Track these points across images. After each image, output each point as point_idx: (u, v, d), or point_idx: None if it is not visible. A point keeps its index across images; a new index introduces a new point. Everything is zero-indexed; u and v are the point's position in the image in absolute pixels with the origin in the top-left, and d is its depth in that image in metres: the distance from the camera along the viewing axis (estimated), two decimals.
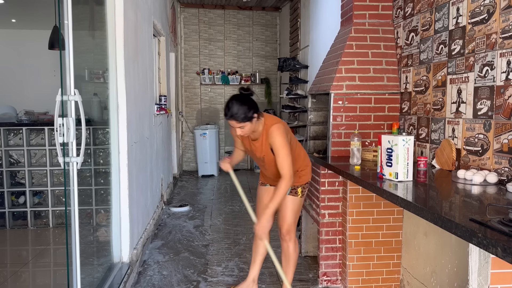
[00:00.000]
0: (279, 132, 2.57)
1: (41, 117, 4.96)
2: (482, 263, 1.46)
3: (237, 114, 2.48)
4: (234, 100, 2.52)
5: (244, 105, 2.50)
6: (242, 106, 2.49)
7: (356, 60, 3.27)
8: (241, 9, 8.62)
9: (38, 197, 4.75)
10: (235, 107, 2.48)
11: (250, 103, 2.55)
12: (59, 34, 2.37)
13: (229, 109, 2.49)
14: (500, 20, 2.18)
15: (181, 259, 3.78)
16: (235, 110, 2.48)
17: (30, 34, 8.13)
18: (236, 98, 2.54)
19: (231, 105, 2.50)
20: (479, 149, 2.34)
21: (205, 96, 8.63)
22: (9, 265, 3.73)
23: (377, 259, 3.07)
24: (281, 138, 2.56)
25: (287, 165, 2.55)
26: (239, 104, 2.49)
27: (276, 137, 2.56)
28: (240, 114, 2.48)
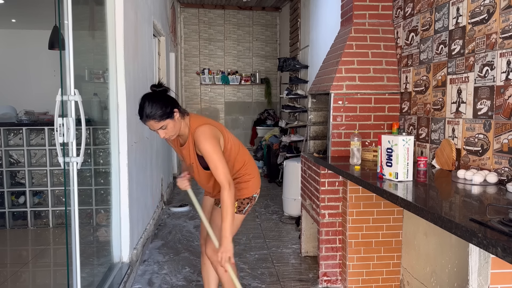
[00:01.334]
0: (205, 136, 2.22)
1: (41, 117, 4.96)
2: (482, 263, 1.46)
3: (152, 113, 2.14)
4: (146, 99, 2.18)
5: (158, 102, 2.17)
6: (156, 103, 2.16)
7: (356, 60, 3.27)
8: (241, 9, 8.62)
9: (38, 197, 4.75)
10: (149, 106, 2.15)
11: (166, 99, 2.22)
12: (59, 34, 2.37)
13: (142, 109, 2.16)
14: (500, 20, 2.18)
15: (181, 259, 3.78)
16: (149, 109, 2.14)
17: (30, 34, 8.13)
18: (148, 96, 2.20)
19: (144, 104, 2.16)
20: (479, 148, 2.34)
21: (205, 96, 8.63)
22: (9, 265, 3.73)
23: (377, 259, 3.07)
24: (207, 142, 2.21)
25: (221, 170, 2.20)
26: (152, 101, 2.16)
27: (201, 142, 2.21)
28: (156, 112, 2.14)
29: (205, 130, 2.24)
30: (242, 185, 2.45)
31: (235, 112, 8.73)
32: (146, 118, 2.16)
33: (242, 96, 8.74)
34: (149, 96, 2.20)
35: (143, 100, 2.18)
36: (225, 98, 8.69)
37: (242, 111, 8.74)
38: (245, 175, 2.47)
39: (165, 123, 2.17)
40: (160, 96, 2.20)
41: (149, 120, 2.16)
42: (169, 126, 2.19)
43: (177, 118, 2.22)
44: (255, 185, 2.51)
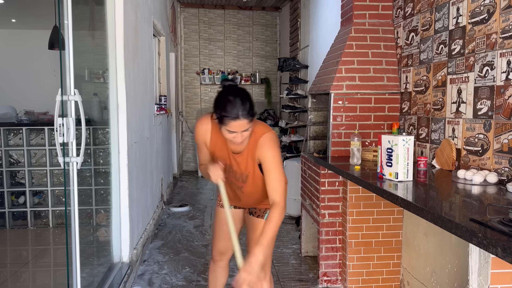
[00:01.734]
0: (273, 144, 1.97)
1: (41, 117, 4.96)
2: (482, 263, 1.46)
3: (250, 111, 1.84)
4: (240, 94, 1.86)
5: (250, 99, 1.88)
6: (250, 101, 1.87)
7: (356, 60, 3.27)
8: (241, 9, 8.62)
9: (38, 197, 4.75)
10: (246, 102, 1.84)
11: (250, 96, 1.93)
12: (59, 34, 2.37)
13: (243, 105, 1.82)
14: (500, 20, 2.18)
15: (181, 259, 3.78)
16: (247, 106, 1.83)
17: (30, 34, 8.13)
18: (240, 91, 1.88)
19: (242, 100, 1.83)
20: (479, 148, 2.34)
21: (205, 96, 8.63)
22: (9, 265, 3.73)
23: (377, 259, 3.07)
24: (276, 152, 1.96)
25: (281, 187, 1.95)
26: (246, 98, 1.86)
27: (270, 150, 1.95)
28: (252, 110, 1.86)
29: (274, 138, 2.00)
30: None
31: None
32: (242, 116, 1.81)
33: None
34: (241, 92, 1.89)
35: (238, 94, 1.85)
36: None
37: None
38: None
39: (251, 124, 1.89)
40: (246, 93, 1.91)
41: (243, 120, 1.82)
42: (250, 129, 1.90)
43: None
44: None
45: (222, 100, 1.85)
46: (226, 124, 1.84)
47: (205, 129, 2.07)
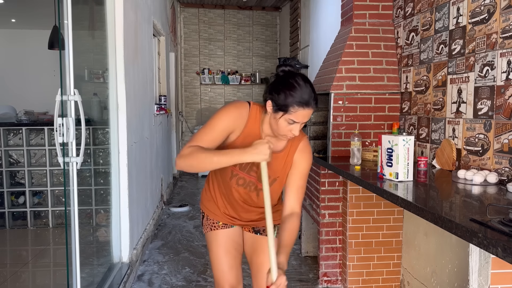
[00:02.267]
0: (310, 150, 1.84)
1: (41, 117, 4.96)
2: (483, 263, 1.46)
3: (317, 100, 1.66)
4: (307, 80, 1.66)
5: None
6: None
7: (356, 60, 3.27)
8: (241, 9, 8.62)
9: (37, 197, 4.74)
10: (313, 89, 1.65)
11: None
12: (59, 34, 2.37)
13: (313, 91, 1.63)
14: (501, 20, 2.17)
15: (181, 259, 3.77)
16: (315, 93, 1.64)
17: (30, 34, 8.13)
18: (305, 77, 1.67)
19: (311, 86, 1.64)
20: (480, 148, 2.33)
21: (205, 96, 8.63)
22: (9, 265, 3.73)
23: (377, 259, 3.06)
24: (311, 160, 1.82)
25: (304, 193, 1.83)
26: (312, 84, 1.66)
27: (309, 156, 1.80)
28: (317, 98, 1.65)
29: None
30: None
31: None
32: (313, 104, 1.61)
33: (242, 96, 8.73)
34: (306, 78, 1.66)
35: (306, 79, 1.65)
36: (225, 98, 8.68)
37: None
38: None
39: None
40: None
41: (312, 108, 1.62)
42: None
43: None
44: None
45: (289, 84, 1.60)
46: (290, 112, 1.59)
47: (241, 117, 1.73)
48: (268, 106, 1.66)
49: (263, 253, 1.89)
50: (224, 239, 1.91)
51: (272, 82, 1.70)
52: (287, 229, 1.69)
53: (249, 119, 1.74)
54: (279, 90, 1.62)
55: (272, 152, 1.69)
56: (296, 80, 1.61)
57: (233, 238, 1.93)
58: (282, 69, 1.68)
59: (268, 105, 1.66)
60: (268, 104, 1.66)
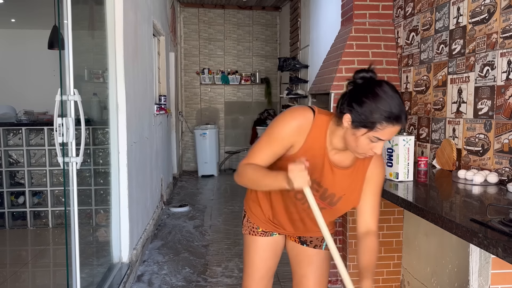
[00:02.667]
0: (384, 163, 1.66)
1: (41, 117, 4.95)
2: (483, 263, 1.46)
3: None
4: (395, 88, 1.43)
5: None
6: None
7: (356, 60, 3.26)
8: (241, 9, 8.61)
9: (37, 197, 4.74)
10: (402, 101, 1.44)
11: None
12: (59, 34, 2.37)
13: (403, 107, 1.41)
14: (501, 20, 2.17)
15: (181, 260, 3.77)
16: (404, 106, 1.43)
17: (30, 34, 8.13)
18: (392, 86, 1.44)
19: (401, 98, 1.44)
20: (480, 149, 2.33)
21: (205, 96, 8.62)
22: (9, 265, 3.73)
23: (377, 259, 3.06)
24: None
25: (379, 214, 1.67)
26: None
27: (384, 170, 1.62)
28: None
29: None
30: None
31: (235, 112, 8.72)
32: (404, 120, 1.40)
33: (242, 96, 8.73)
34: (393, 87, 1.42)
35: (395, 91, 1.41)
36: (225, 98, 8.68)
37: (242, 111, 8.73)
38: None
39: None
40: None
41: (402, 125, 1.42)
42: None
43: None
44: None
45: (375, 95, 1.36)
46: (377, 129, 1.36)
47: (304, 128, 1.50)
48: (345, 120, 1.41)
49: (307, 265, 1.80)
50: (263, 248, 1.80)
51: (350, 91, 1.45)
52: (366, 249, 1.60)
53: (312, 130, 1.51)
54: (362, 103, 1.37)
55: (338, 167, 1.55)
56: (384, 90, 1.37)
57: (271, 248, 1.81)
58: (362, 75, 1.44)
59: (346, 119, 1.41)
60: (346, 119, 1.41)
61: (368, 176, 1.58)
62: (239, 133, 8.67)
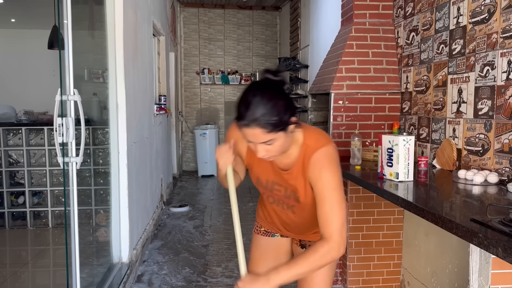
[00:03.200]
0: (330, 163, 1.46)
1: (41, 117, 4.95)
2: (483, 263, 1.46)
3: (265, 118, 1.32)
4: (259, 92, 1.35)
5: (277, 101, 1.35)
6: (274, 103, 1.34)
7: (356, 60, 3.26)
8: (241, 9, 8.61)
9: (37, 197, 4.74)
10: (262, 104, 1.32)
11: (286, 98, 1.39)
12: (59, 33, 2.37)
13: (248, 108, 1.34)
14: (501, 20, 2.17)
15: (181, 260, 3.77)
16: (262, 110, 1.32)
17: (30, 34, 8.13)
18: (262, 89, 1.37)
19: (254, 100, 1.33)
20: (480, 148, 2.33)
21: (205, 96, 8.62)
22: (9, 265, 3.73)
23: (377, 260, 3.06)
24: (333, 173, 1.45)
25: (338, 220, 1.42)
26: (268, 99, 1.34)
27: (324, 172, 1.45)
28: (270, 117, 1.33)
29: (332, 154, 1.47)
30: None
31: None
32: (252, 123, 1.33)
33: None
34: (264, 89, 1.36)
35: (253, 93, 1.35)
36: (225, 98, 8.68)
37: None
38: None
39: (276, 136, 1.37)
40: (279, 93, 1.38)
41: (255, 128, 1.34)
42: (277, 142, 1.39)
43: (290, 131, 1.42)
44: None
45: (240, 98, 1.40)
46: (241, 130, 1.39)
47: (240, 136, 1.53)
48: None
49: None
50: (264, 246, 1.82)
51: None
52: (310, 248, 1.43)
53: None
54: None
55: (280, 169, 1.56)
56: (246, 94, 1.38)
57: (272, 248, 1.81)
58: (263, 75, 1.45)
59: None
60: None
61: (311, 181, 1.49)
62: None
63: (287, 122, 1.38)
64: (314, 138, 1.51)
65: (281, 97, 1.37)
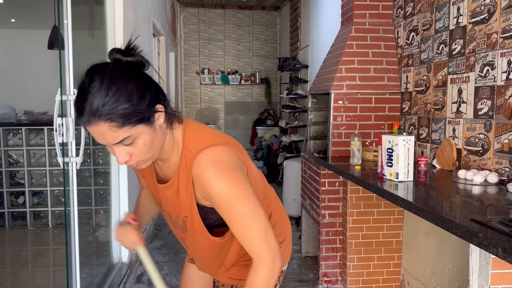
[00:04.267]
0: (223, 170, 1.10)
1: (41, 117, 4.95)
2: (483, 263, 1.46)
3: (106, 107, 0.98)
4: (97, 75, 1.00)
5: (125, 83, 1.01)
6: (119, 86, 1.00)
7: (356, 60, 3.26)
8: (241, 9, 8.61)
9: (37, 197, 4.74)
10: (102, 91, 0.99)
11: (143, 79, 1.07)
12: (59, 34, 2.37)
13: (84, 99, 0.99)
14: (501, 20, 2.17)
15: (181, 260, 3.77)
16: (100, 98, 0.98)
17: (30, 34, 8.12)
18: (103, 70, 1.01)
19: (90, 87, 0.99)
20: (480, 149, 2.33)
21: (205, 96, 8.63)
22: (9, 265, 3.73)
23: (377, 260, 3.06)
24: (231, 182, 1.09)
25: (258, 230, 1.12)
26: (109, 81, 0.99)
27: (218, 186, 1.09)
28: (114, 104, 0.99)
29: (222, 157, 1.11)
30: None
31: (235, 112, 8.72)
32: (93, 117, 0.99)
33: (242, 96, 8.73)
34: (104, 71, 1.01)
35: (90, 78, 1.00)
36: (225, 98, 8.68)
37: (242, 111, 8.74)
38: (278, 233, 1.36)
39: (134, 132, 1.02)
40: (129, 74, 1.03)
41: (100, 123, 0.99)
42: (140, 140, 1.05)
43: (158, 125, 1.08)
44: (288, 248, 1.46)
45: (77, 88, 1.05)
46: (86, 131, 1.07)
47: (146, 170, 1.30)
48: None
49: None
50: (188, 273, 1.59)
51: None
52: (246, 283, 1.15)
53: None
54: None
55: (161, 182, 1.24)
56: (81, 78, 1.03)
57: (197, 276, 1.57)
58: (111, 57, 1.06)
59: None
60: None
61: (204, 196, 1.15)
62: (239, 133, 8.67)
63: (146, 111, 1.03)
64: (194, 139, 1.15)
65: (132, 79, 1.02)
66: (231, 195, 1.09)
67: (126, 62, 1.05)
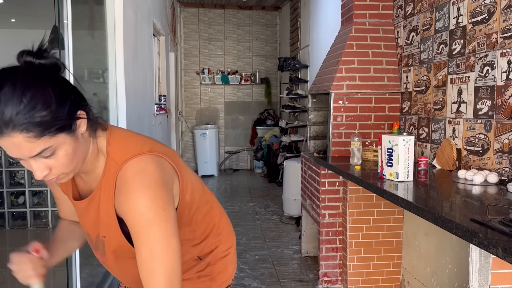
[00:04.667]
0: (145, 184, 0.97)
1: None
2: (483, 263, 1.46)
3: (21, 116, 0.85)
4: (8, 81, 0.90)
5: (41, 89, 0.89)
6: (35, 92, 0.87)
7: (356, 60, 3.26)
8: (241, 9, 8.61)
9: (37, 197, 4.74)
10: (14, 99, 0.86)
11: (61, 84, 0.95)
12: (59, 34, 2.37)
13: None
14: (501, 20, 2.17)
15: None
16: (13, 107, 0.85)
17: (30, 34, 8.13)
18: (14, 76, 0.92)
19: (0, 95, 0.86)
20: (480, 149, 2.33)
21: (205, 96, 8.63)
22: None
23: (377, 259, 3.06)
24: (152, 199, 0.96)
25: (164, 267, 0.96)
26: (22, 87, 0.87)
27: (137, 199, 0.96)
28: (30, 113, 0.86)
29: (149, 168, 1.00)
30: (214, 268, 1.27)
31: (235, 112, 8.72)
32: (6, 128, 0.86)
33: (242, 96, 8.73)
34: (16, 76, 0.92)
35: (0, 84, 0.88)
36: (225, 98, 8.68)
37: (242, 111, 8.74)
38: (218, 247, 1.28)
39: (54, 143, 0.90)
40: (45, 79, 0.92)
41: (14, 135, 0.86)
42: (61, 151, 0.93)
43: (81, 133, 0.97)
44: (233, 261, 1.35)
45: None
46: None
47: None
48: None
49: None
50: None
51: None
52: None
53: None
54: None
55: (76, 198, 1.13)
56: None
57: None
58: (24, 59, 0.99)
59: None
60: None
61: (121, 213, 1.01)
62: (239, 133, 8.67)
63: (67, 118, 0.91)
64: (119, 148, 1.04)
65: (48, 84, 0.90)
66: (148, 215, 0.95)
67: (39, 65, 0.96)
